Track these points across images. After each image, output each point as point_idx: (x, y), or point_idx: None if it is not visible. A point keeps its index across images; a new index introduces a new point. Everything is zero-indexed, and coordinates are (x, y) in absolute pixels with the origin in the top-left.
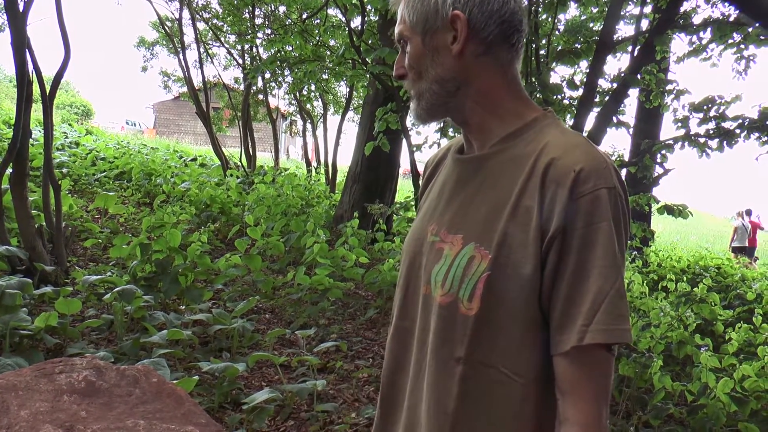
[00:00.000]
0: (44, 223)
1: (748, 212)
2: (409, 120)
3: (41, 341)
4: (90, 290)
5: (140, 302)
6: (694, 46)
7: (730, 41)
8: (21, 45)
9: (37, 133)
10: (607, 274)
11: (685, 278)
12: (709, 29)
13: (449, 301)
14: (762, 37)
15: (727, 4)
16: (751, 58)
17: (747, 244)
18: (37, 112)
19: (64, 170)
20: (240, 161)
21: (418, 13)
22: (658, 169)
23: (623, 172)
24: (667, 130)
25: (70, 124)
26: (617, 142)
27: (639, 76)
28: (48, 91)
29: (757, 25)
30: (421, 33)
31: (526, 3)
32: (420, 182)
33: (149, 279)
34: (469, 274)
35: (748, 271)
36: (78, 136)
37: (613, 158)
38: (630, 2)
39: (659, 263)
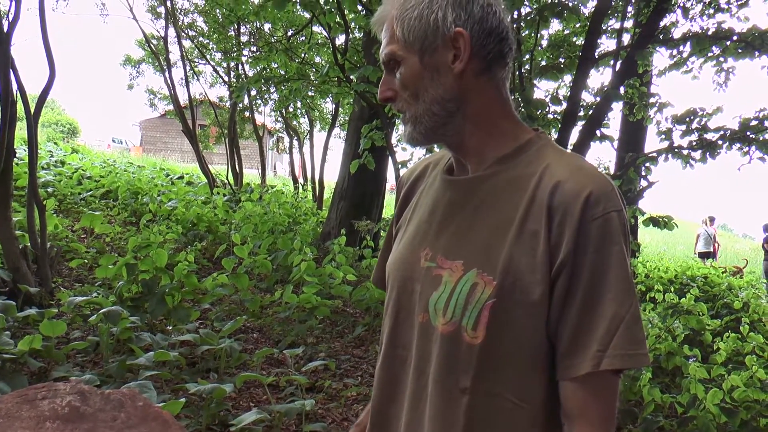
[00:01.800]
0: (29, 244)
1: (712, 219)
2: (395, 137)
3: (25, 365)
4: (75, 312)
5: (126, 323)
6: (675, 59)
7: (710, 54)
8: (5, 65)
9: (22, 152)
10: (622, 299)
11: (672, 288)
12: (688, 43)
13: (452, 330)
14: (740, 50)
15: (705, 17)
16: (731, 70)
17: (712, 250)
18: (22, 130)
19: (50, 189)
20: (227, 179)
21: (415, 31)
22: (645, 181)
23: None
24: (652, 142)
25: (55, 143)
26: (603, 155)
27: (622, 90)
28: (33, 110)
29: (734, 38)
30: (419, 52)
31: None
32: (396, 198)
33: (136, 299)
34: (472, 302)
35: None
36: (64, 155)
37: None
38: (611, 17)
39: (647, 274)
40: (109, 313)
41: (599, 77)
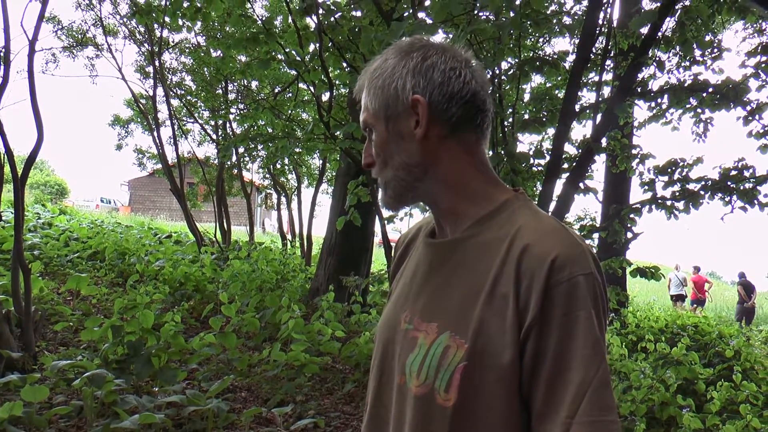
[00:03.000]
0: (12, 308)
1: (697, 269)
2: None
3: None
4: (59, 376)
5: (111, 386)
6: (654, 111)
7: (688, 106)
8: None
9: (9, 215)
10: (588, 364)
11: (663, 338)
12: (666, 95)
13: (425, 392)
14: (716, 102)
15: (682, 69)
16: (709, 121)
17: (684, 293)
18: (9, 192)
19: (36, 252)
20: (215, 236)
21: (379, 100)
22: (630, 232)
23: (595, 237)
24: (636, 193)
25: (43, 205)
26: (589, 206)
27: (604, 142)
28: (20, 172)
29: (710, 90)
30: (384, 120)
31: (489, 76)
32: (392, 260)
33: (121, 361)
34: (445, 364)
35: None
36: (51, 217)
37: (585, 222)
38: (591, 70)
39: (637, 324)
40: (94, 376)
41: (582, 129)
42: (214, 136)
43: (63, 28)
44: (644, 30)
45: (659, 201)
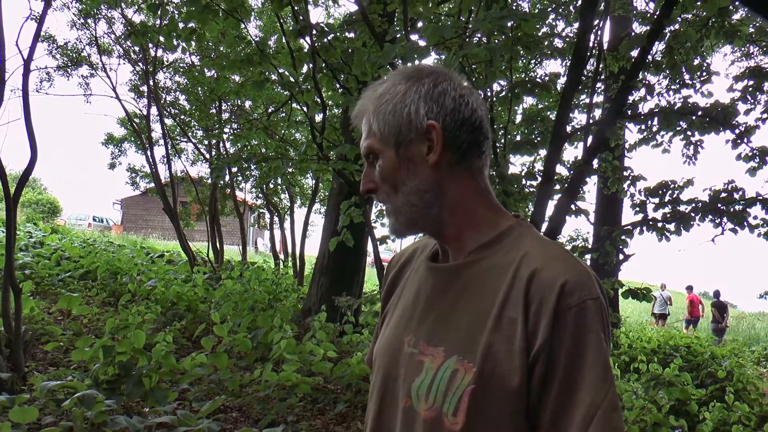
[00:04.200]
0: (2, 328)
1: (690, 288)
2: (374, 213)
3: None
4: (48, 396)
5: (101, 407)
6: (645, 134)
7: (678, 128)
8: None
9: (0, 233)
10: (598, 387)
11: (656, 359)
12: (656, 118)
13: (434, 416)
14: (705, 125)
15: (672, 92)
16: (699, 143)
17: (667, 312)
18: (1, 211)
19: (27, 271)
20: (207, 256)
21: (390, 125)
22: (621, 254)
23: (587, 258)
24: (627, 214)
25: (35, 223)
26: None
27: (595, 164)
28: (12, 192)
29: (699, 113)
30: (395, 145)
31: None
32: (383, 280)
33: (112, 382)
34: (452, 388)
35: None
36: (43, 236)
37: (577, 243)
38: (583, 92)
39: (630, 344)
40: (84, 397)
41: (573, 151)
42: (208, 156)
43: (58, 47)
44: (634, 53)
45: (650, 222)
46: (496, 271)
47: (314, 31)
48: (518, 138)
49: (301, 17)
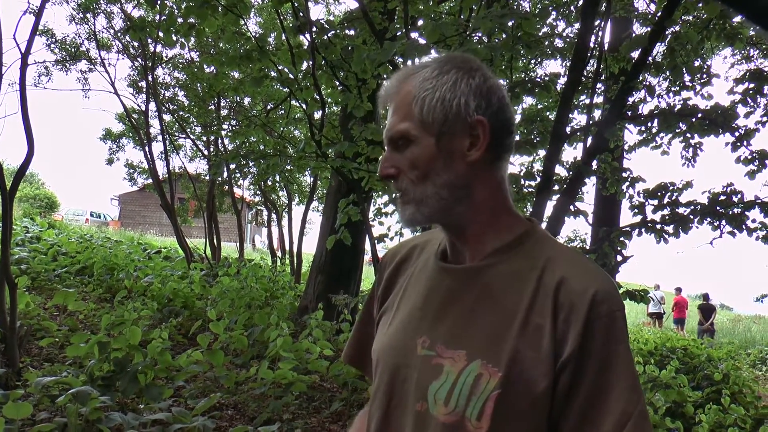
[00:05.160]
0: None
1: (678, 290)
2: (371, 211)
3: None
4: (43, 392)
5: (96, 403)
6: (644, 135)
7: (677, 130)
8: None
9: None
10: (629, 396)
11: (652, 360)
12: (656, 119)
13: (455, 420)
14: (705, 127)
15: (672, 94)
16: (698, 146)
17: (661, 311)
18: None
19: (23, 267)
20: (205, 253)
21: (436, 113)
22: (619, 255)
23: None
24: (626, 216)
25: (32, 218)
26: (580, 228)
27: (594, 165)
28: (9, 185)
29: (699, 116)
30: (437, 134)
31: None
32: (378, 276)
33: (107, 378)
34: (477, 393)
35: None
36: (40, 231)
37: (575, 244)
38: (582, 93)
39: None
40: (78, 393)
41: (573, 152)
42: (206, 152)
43: (56, 42)
44: (635, 54)
45: (649, 224)
46: (519, 276)
47: (314, 28)
48: (517, 138)
49: (301, 14)
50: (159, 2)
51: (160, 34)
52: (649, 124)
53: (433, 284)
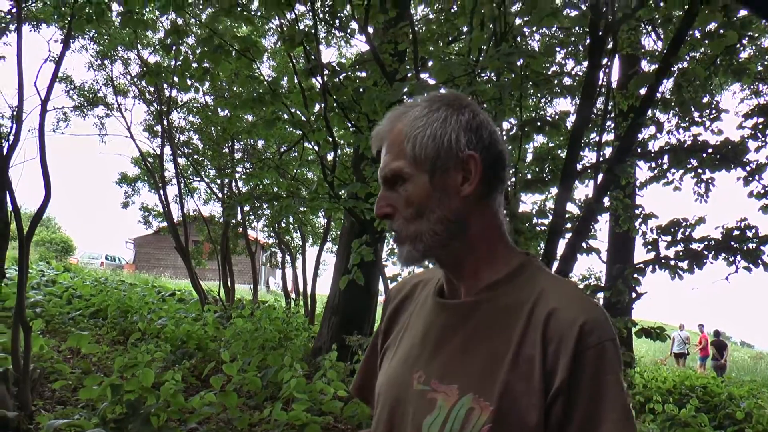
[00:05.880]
0: (11, 366)
1: (701, 327)
2: (385, 252)
3: None
4: None
5: None
6: (655, 171)
7: (689, 166)
8: (2, 188)
9: (13, 272)
10: (621, 427)
11: (671, 399)
12: (666, 156)
13: None
14: (716, 162)
15: (681, 130)
16: (710, 181)
17: (686, 351)
18: (14, 249)
19: (38, 310)
20: (219, 295)
21: (428, 149)
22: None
23: (599, 296)
24: (640, 252)
25: (48, 262)
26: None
27: (606, 202)
28: (26, 231)
29: (709, 151)
30: (429, 171)
31: None
32: (383, 313)
33: (120, 421)
34: (468, 427)
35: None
36: (55, 274)
37: (590, 282)
38: (593, 130)
39: (645, 384)
40: None
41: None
42: (220, 195)
43: (75, 88)
44: (643, 91)
45: (663, 261)
46: (511, 310)
47: (326, 71)
48: (529, 176)
49: (312, 57)
50: (174, 48)
51: (175, 79)
52: (660, 161)
53: (430, 320)
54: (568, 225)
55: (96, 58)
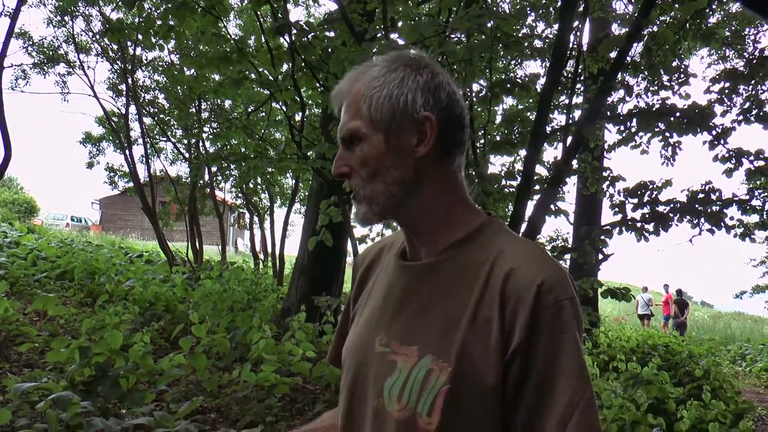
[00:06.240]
0: None
1: (666, 287)
2: (353, 213)
3: None
4: (22, 398)
5: (77, 409)
6: (624, 134)
7: (656, 130)
8: None
9: None
10: (575, 386)
11: (634, 358)
12: (635, 119)
13: (407, 416)
14: (683, 126)
15: (650, 94)
16: (677, 144)
17: (650, 312)
18: None
19: (1, 272)
20: (187, 256)
21: (383, 110)
22: (600, 254)
23: (566, 257)
24: (607, 214)
25: (11, 223)
26: (561, 227)
27: (575, 164)
28: None
29: (677, 115)
30: (385, 131)
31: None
32: (353, 278)
33: (88, 383)
34: (427, 388)
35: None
36: (18, 235)
37: (557, 243)
38: (562, 93)
39: (609, 344)
40: (59, 399)
41: (553, 151)
42: (187, 155)
43: (33, 45)
44: (613, 54)
45: (629, 223)
46: (470, 270)
47: (293, 30)
48: (498, 138)
49: (280, 15)
50: (137, 4)
51: (139, 36)
52: (629, 124)
53: (392, 282)
54: (537, 187)
55: (55, 14)
